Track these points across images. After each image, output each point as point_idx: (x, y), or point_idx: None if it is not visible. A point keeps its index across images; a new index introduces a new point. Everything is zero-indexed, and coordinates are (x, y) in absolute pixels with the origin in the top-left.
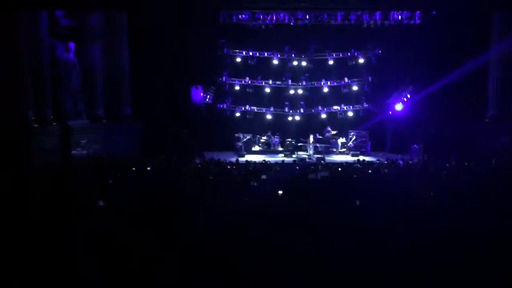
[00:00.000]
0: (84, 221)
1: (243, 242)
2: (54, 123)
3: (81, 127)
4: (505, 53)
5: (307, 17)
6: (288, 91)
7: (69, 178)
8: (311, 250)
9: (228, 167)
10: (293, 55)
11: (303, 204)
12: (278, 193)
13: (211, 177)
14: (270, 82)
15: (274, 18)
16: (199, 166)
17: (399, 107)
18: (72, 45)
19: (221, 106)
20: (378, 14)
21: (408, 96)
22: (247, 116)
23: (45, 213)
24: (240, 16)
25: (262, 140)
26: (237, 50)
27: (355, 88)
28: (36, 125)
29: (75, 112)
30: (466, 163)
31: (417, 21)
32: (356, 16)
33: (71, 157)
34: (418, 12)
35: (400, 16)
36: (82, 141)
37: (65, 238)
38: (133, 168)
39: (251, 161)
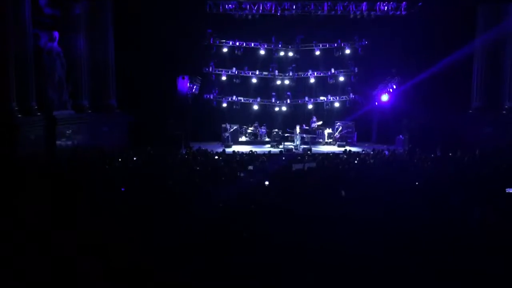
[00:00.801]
0: (69, 214)
1: (230, 232)
2: (39, 114)
3: (66, 118)
4: (489, 45)
5: (294, 7)
6: (275, 82)
7: (53, 169)
8: (297, 239)
9: (215, 157)
10: (279, 46)
11: (289, 194)
12: (264, 184)
13: (197, 168)
14: (257, 72)
15: (261, 8)
16: (186, 156)
17: (385, 98)
18: (56, 34)
19: (208, 96)
20: (364, 5)
21: (394, 87)
22: (234, 107)
23: (30, 204)
24: (226, 6)
25: (249, 131)
26: (224, 40)
27: (341, 79)
28: (20, 116)
29: (59, 102)
30: (450, 153)
31: (403, 12)
32: (343, 6)
33: (55, 147)
34: (404, 3)
35: (386, 7)
36: (67, 132)
37: (53, 230)
38: (119, 159)
39: (238, 151)
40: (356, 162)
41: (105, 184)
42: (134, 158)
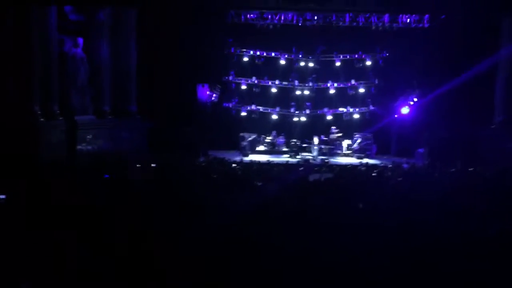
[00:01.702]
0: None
1: (246, 242)
2: (61, 118)
3: (87, 123)
4: None
5: (315, 18)
6: (295, 92)
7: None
8: (313, 251)
9: (232, 165)
10: (300, 56)
11: (306, 205)
12: (281, 194)
13: (214, 176)
14: (277, 82)
15: (282, 18)
16: (203, 164)
17: (405, 110)
18: (80, 40)
19: (227, 105)
20: (386, 17)
21: (415, 99)
22: (253, 116)
23: (54, 210)
24: (248, 15)
25: (267, 140)
26: (244, 50)
27: (361, 90)
28: (42, 119)
29: (81, 107)
30: (471, 168)
31: (426, 25)
32: (365, 18)
33: (76, 152)
34: (427, 15)
35: (408, 19)
36: (88, 137)
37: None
38: (138, 165)
39: (255, 161)
40: (374, 174)
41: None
42: (153, 165)
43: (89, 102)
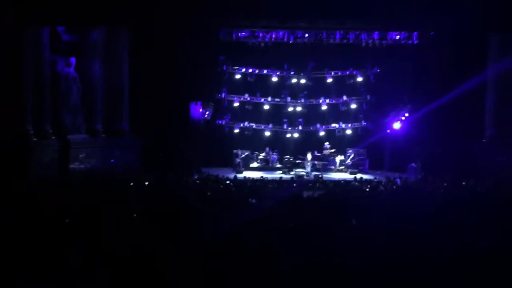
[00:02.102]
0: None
1: (240, 258)
2: (53, 137)
3: (79, 142)
4: (502, 73)
5: (306, 35)
6: (287, 108)
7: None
8: (307, 265)
9: (226, 182)
10: (292, 73)
11: (299, 221)
12: (275, 210)
13: (208, 193)
14: (269, 99)
15: (274, 36)
16: (197, 182)
17: (397, 125)
18: (73, 60)
19: (220, 122)
20: (376, 34)
21: (406, 115)
22: (246, 133)
23: (42, 227)
24: (240, 33)
25: (260, 157)
26: (237, 67)
27: (353, 106)
28: (35, 139)
29: (74, 126)
30: (464, 182)
31: (415, 41)
32: (355, 35)
33: (68, 171)
34: (416, 32)
35: (398, 36)
36: (80, 156)
37: (65, 253)
38: (131, 183)
39: (248, 177)
40: (367, 189)
41: (116, 209)
42: (146, 183)
43: (82, 121)
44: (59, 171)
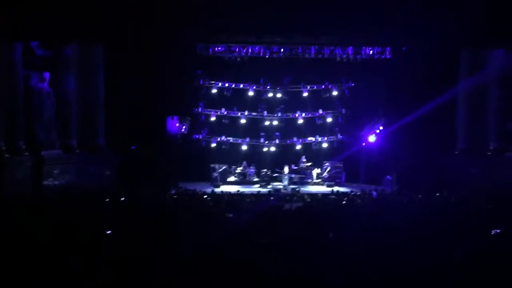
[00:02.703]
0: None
1: (216, 274)
2: (26, 153)
3: (53, 158)
4: (473, 87)
5: (282, 50)
6: (264, 122)
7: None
8: (285, 279)
9: (204, 197)
10: (268, 87)
11: (276, 235)
12: (252, 225)
13: (185, 208)
14: (246, 113)
15: (250, 51)
16: (174, 196)
17: (372, 138)
18: (47, 75)
19: (197, 136)
20: (350, 49)
21: (381, 128)
22: (223, 147)
23: (16, 245)
24: (216, 48)
25: (237, 171)
26: (213, 81)
27: (329, 119)
28: (7, 155)
29: (48, 142)
30: (437, 194)
31: (388, 56)
32: (330, 50)
33: (42, 187)
34: (388, 48)
35: (371, 51)
36: (55, 172)
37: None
38: (106, 199)
39: (226, 191)
40: (344, 202)
41: (90, 226)
42: (122, 198)
43: (56, 137)
44: (33, 187)
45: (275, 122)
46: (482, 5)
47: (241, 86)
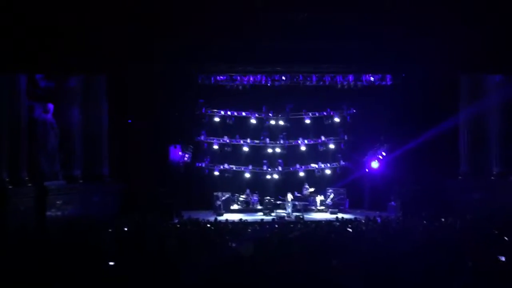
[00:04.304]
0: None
1: None
2: (29, 184)
3: (57, 188)
4: (473, 112)
5: (283, 78)
6: (266, 150)
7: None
8: None
9: (207, 226)
10: (270, 115)
11: (280, 265)
12: (255, 254)
13: (188, 237)
14: (248, 141)
15: (251, 79)
16: (177, 226)
17: (375, 164)
18: (50, 106)
19: (200, 164)
20: (351, 76)
21: (384, 154)
22: (226, 175)
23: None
24: (218, 77)
25: (240, 199)
26: (215, 110)
27: (331, 146)
28: (10, 187)
29: (51, 173)
30: (442, 219)
31: (388, 83)
32: (330, 77)
33: (45, 219)
34: (389, 74)
35: (372, 78)
36: (58, 202)
37: None
38: (109, 230)
39: (229, 220)
40: (349, 229)
41: (93, 257)
42: (125, 228)
43: (60, 167)
44: (36, 218)
45: (277, 150)
46: (480, 31)
47: (243, 114)
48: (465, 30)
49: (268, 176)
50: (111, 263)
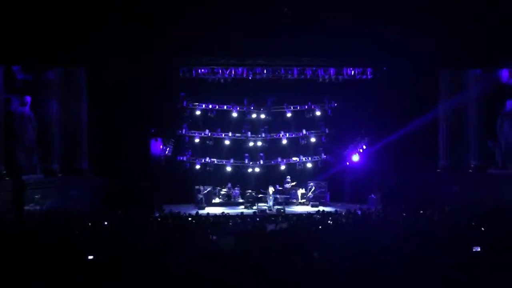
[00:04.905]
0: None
1: None
2: (7, 178)
3: (35, 182)
4: (452, 107)
5: (265, 72)
6: (248, 143)
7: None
8: None
9: (188, 219)
10: (252, 108)
11: (261, 257)
12: (236, 246)
13: (169, 230)
14: (230, 134)
15: (233, 72)
16: (158, 219)
17: (355, 158)
18: (28, 98)
19: (181, 158)
20: (332, 70)
21: (364, 147)
22: (207, 168)
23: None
24: (199, 70)
25: (222, 192)
26: (197, 103)
27: (313, 139)
28: None
29: (29, 166)
30: (421, 211)
31: (369, 76)
32: (312, 71)
33: (24, 213)
34: (369, 68)
35: (353, 72)
36: (36, 196)
37: None
38: (89, 223)
39: (211, 213)
40: (329, 222)
41: (72, 251)
42: (105, 223)
43: (38, 161)
44: (14, 213)
45: (259, 143)
46: (460, 26)
47: (225, 107)
48: (444, 24)
49: (250, 170)
50: (90, 257)
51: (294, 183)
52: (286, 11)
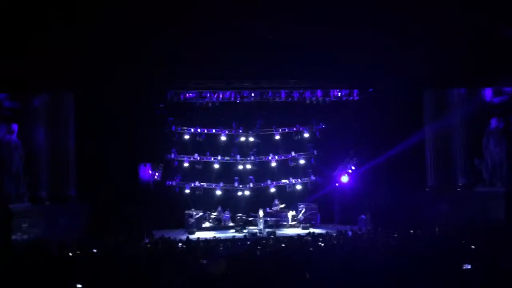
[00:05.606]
0: None
1: None
2: None
3: (22, 211)
4: (438, 127)
5: (253, 94)
6: (237, 166)
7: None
8: None
9: (179, 245)
10: (240, 131)
11: (253, 280)
12: (228, 270)
13: (159, 257)
14: (219, 157)
15: (221, 96)
16: (148, 245)
17: (345, 179)
18: (15, 126)
19: (170, 183)
20: (319, 92)
21: (353, 168)
22: (197, 192)
23: None
24: (187, 94)
25: (212, 216)
26: (185, 127)
27: (302, 161)
28: None
29: (16, 195)
30: (411, 231)
31: (356, 98)
32: (299, 93)
33: (11, 242)
34: (356, 90)
35: (339, 93)
36: (23, 225)
37: None
38: (78, 251)
39: (201, 238)
40: (320, 243)
41: (60, 280)
42: (94, 250)
43: (25, 189)
44: (1, 242)
45: (248, 166)
46: (444, 46)
47: (213, 131)
48: (428, 45)
49: (240, 193)
50: (79, 286)
51: (283, 205)
52: (271, 38)
